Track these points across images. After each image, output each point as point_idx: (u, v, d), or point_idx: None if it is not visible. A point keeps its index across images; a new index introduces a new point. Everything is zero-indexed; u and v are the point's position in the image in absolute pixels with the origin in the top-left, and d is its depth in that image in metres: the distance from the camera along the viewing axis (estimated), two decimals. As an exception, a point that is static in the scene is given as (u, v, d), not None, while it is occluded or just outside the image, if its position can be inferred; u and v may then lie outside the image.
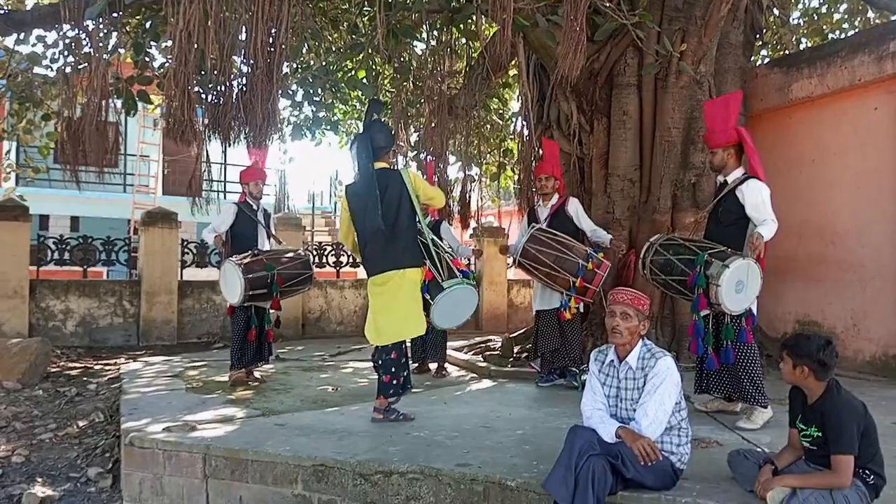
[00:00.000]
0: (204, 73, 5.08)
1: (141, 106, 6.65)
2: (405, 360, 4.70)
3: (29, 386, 6.31)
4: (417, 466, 3.59)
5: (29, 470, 4.50)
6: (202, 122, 5.32)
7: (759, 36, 8.01)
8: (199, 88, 5.21)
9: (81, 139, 5.37)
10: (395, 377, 4.57)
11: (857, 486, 2.80)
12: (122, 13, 5.60)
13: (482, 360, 7.04)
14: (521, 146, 7.99)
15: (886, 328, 6.34)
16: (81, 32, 5.81)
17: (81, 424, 5.28)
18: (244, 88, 5.04)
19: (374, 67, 8.60)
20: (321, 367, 7.16)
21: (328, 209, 22.39)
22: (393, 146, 4.73)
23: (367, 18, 7.69)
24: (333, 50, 8.56)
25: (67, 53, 6.00)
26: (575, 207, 5.85)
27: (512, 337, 7.64)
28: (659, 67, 6.60)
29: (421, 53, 8.66)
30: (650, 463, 3.00)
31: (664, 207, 6.69)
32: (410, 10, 6.16)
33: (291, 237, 9.60)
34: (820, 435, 2.89)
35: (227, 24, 4.82)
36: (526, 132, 7.42)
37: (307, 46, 8.03)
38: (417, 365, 6.57)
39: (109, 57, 6.03)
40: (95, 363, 7.65)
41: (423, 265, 4.59)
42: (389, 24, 5.71)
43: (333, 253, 10.71)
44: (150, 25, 6.50)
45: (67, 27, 5.78)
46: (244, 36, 4.94)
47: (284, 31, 4.76)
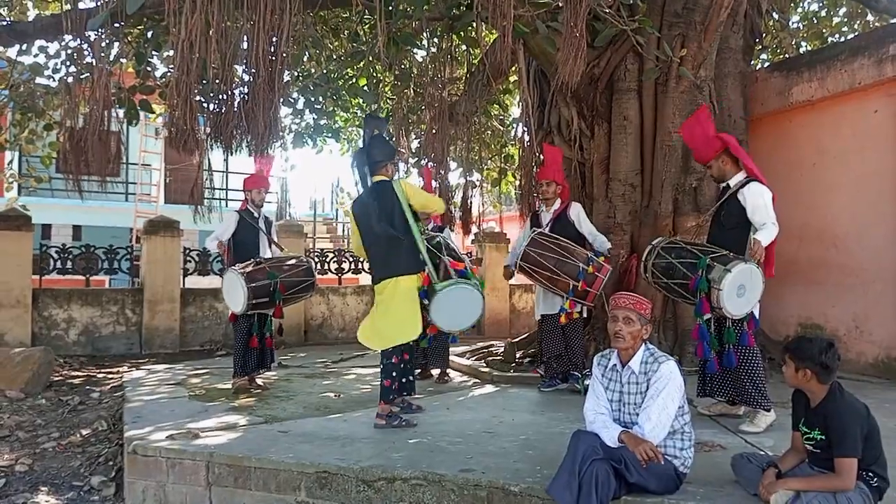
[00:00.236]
0: (206, 82, 5.12)
1: (143, 115, 6.69)
2: (408, 364, 4.72)
3: (32, 395, 6.33)
4: (421, 472, 3.59)
5: (32, 479, 4.50)
6: (204, 130, 5.36)
7: (758, 40, 8.02)
8: (200, 97, 5.24)
9: (84, 149, 5.39)
10: (395, 382, 4.62)
11: (860, 488, 2.80)
12: (124, 23, 5.62)
13: (485, 365, 7.03)
14: (521, 152, 8.00)
15: (888, 331, 6.33)
16: (83, 43, 5.85)
17: (84, 433, 5.28)
18: (246, 97, 5.07)
19: (375, 75, 8.64)
20: (324, 373, 7.15)
21: (330, 216, 22.45)
22: (391, 159, 4.82)
23: (367, 26, 7.73)
24: (334, 58, 8.60)
25: (70, 64, 6.04)
26: (577, 212, 5.87)
27: (514, 342, 7.63)
28: (659, 72, 6.63)
29: (421, 61, 8.69)
30: (654, 465, 3.01)
31: (665, 212, 6.70)
32: (411, 17, 6.18)
33: (293, 244, 9.60)
34: (823, 438, 2.89)
35: (228, 33, 4.85)
36: (527, 138, 7.43)
37: (308, 55, 8.07)
38: (420, 371, 6.57)
39: (111, 67, 6.05)
40: (98, 372, 7.66)
41: (418, 272, 4.64)
42: (390, 31, 5.74)
43: (335, 259, 10.73)
44: (151, 35, 6.54)
45: (69, 38, 5.82)
46: (245, 45, 4.96)
47: (285, 39, 4.79)
